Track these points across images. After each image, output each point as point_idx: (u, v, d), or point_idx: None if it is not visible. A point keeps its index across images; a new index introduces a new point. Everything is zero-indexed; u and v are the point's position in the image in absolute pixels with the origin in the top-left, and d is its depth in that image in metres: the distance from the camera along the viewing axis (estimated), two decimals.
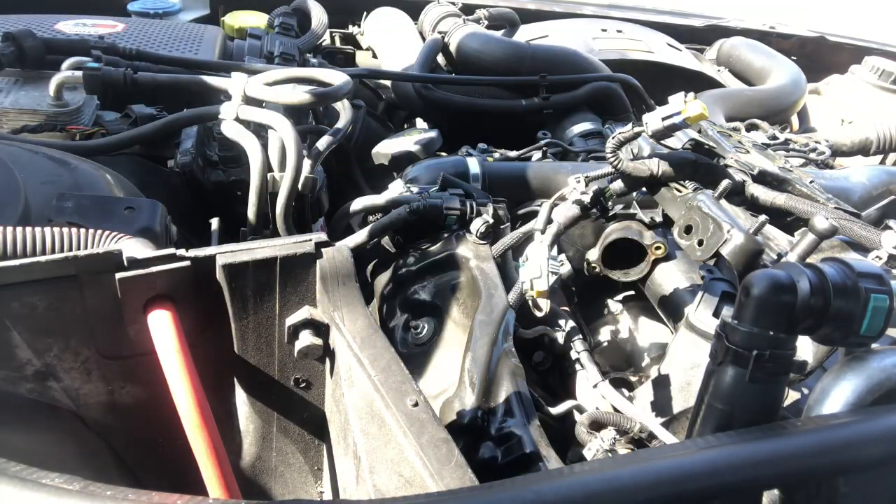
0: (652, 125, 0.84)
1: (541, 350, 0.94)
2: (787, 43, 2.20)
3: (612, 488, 0.44)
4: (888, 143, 1.59)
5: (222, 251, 0.53)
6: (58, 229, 0.67)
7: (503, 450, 0.80)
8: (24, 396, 0.55)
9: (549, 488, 0.43)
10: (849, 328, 0.54)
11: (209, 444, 0.50)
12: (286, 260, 0.54)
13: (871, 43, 2.24)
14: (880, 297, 0.53)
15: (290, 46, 1.42)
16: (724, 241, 0.78)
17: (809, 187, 1.02)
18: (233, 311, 0.55)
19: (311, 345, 0.55)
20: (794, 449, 0.51)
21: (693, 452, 0.50)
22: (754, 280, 0.54)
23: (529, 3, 2.12)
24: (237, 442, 0.61)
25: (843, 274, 0.54)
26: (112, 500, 0.37)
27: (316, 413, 0.61)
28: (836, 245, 0.89)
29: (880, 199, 1.31)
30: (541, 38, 1.83)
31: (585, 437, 0.80)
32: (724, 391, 0.56)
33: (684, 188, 0.89)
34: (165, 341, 0.51)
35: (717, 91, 1.71)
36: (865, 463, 0.53)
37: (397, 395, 0.47)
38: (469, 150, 1.26)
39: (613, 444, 0.78)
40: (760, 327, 0.53)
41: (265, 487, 0.63)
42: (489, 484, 0.42)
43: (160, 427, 0.57)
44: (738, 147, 1.11)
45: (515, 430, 0.81)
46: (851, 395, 0.57)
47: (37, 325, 0.52)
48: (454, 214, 1.00)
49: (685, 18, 2.25)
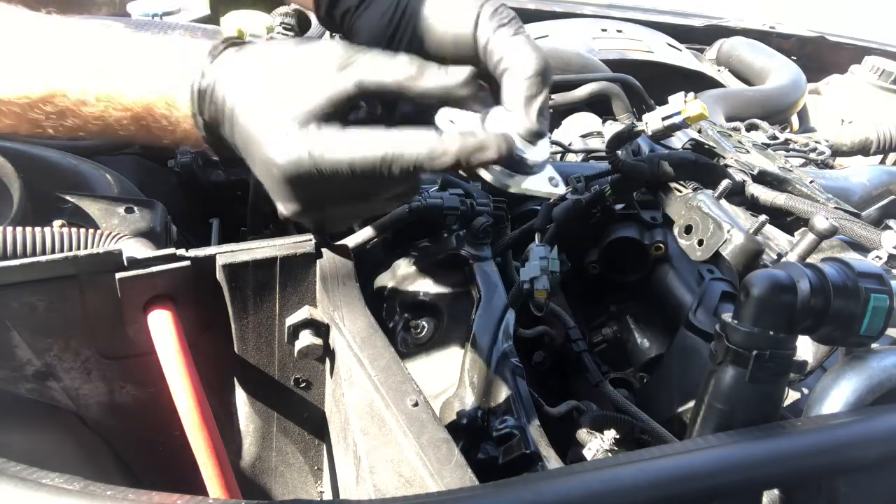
0: (652, 125, 0.84)
1: (541, 350, 0.94)
2: (787, 43, 2.20)
3: (612, 488, 0.44)
4: (888, 143, 1.59)
5: (222, 251, 0.53)
6: (58, 229, 0.67)
7: (503, 450, 0.80)
8: (24, 396, 0.55)
9: (549, 488, 0.43)
10: (849, 328, 0.54)
11: (209, 444, 0.50)
12: (286, 260, 0.54)
13: (871, 43, 2.24)
14: (880, 297, 0.53)
15: None
16: (724, 241, 0.78)
17: (809, 187, 1.02)
18: (233, 311, 0.55)
19: (311, 345, 0.55)
20: (794, 449, 0.51)
21: (693, 452, 0.50)
22: (754, 280, 0.54)
23: (529, 3, 2.12)
24: (237, 442, 0.61)
25: (843, 274, 0.54)
26: (112, 500, 0.37)
27: (316, 413, 0.61)
28: (836, 245, 0.89)
29: (880, 199, 1.31)
30: (541, 38, 1.82)
31: (585, 437, 0.80)
32: (724, 391, 0.56)
33: (684, 188, 0.89)
34: (165, 341, 0.51)
35: (717, 91, 1.71)
36: (865, 463, 0.53)
37: (397, 395, 0.47)
38: None
39: (613, 444, 0.78)
40: (760, 327, 0.53)
41: (265, 487, 0.63)
42: (489, 484, 0.42)
43: (160, 427, 0.57)
44: (738, 147, 1.11)
45: (515, 430, 0.81)
46: (851, 395, 0.57)
47: (37, 325, 0.52)
48: (454, 214, 1.00)
49: (685, 18, 2.25)
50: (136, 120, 0.59)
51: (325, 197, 0.55)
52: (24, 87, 0.58)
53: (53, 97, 0.58)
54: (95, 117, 0.59)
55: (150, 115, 0.59)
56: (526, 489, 0.42)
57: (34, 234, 0.65)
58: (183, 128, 0.59)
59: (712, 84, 1.81)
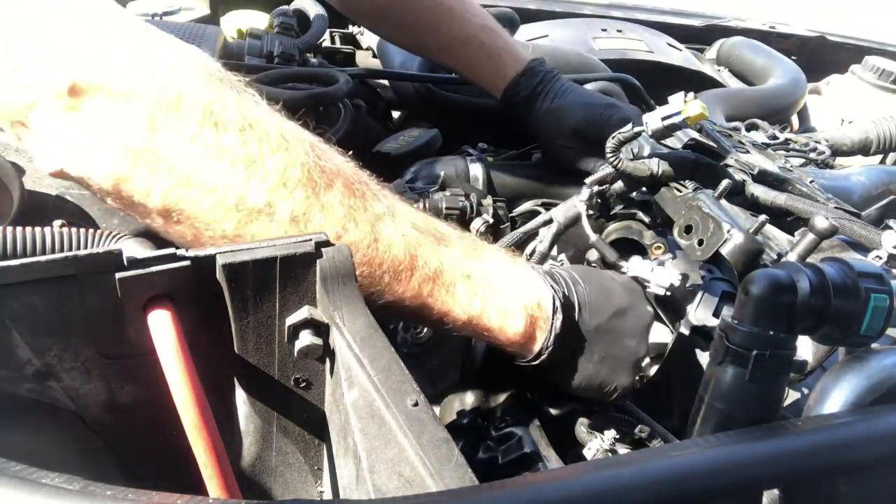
0: (652, 125, 0.84)
1: None
2: (787, 43, 2.20)
3: (612, 488, 0.44)
4: (888, 143, 1.59)
5: (222, 251, 0.53)
6: (58, 229, 0.67)
7: (503, 450, 0.80)
8: (24, 396, 0.55)
9: (549, 488, 0.43)
10: (849, 328, 0.54)
11: (209, 444, 0.50)
12: (286, 260, 0.54)
13: (871, 43, 2.24)
14: (880, 297, 0.53)
15: (290, 46, 1.42)
16: (724, 241, 0.78)
17: (809, 187, 1.02)
18: (233, 311, 0.55)
19: (311, 344, 0.55)
20: (794, 449, 0.51)
21: (693, 452, 0.50)
22: (754, 280, 0.54)
23: (529, 3, 2.12)
24: (237, 442, 0.61)
25: (843, 274, 0.54)
26: (112, 499, 0.37)
27: (316, 413, 0.61)
28: (836, 245, 0.89)
29: (880, 199, 1.31)
30: (541, 38, 1.82)
31: (585, 437, 0.80)
32: (724, 391, 0.56)
33: (684, 188, 0.89)
34: (165, 341, 0.51)
35: (717, 91, 1.70)
36: (865, 463, 0.53)
37: (397, 395, 0.47)
38: (469, 150, 1.26)
39: (613, 444, 0.78)
40: (760, 327, 0.53)
41: (265, 487, 0.63)
42: (489, 484, 0.42)
43: (160, 427, 0.57)
44: (738, 147, 1.11)
45: (515, 430, 0.81)
46: (851, 395, 0.57)
47: (37, 325, 0.52)
48: (454, 214, 1.00)
49: (685, 18, 2.25)
50: (468, 324, 0.69)
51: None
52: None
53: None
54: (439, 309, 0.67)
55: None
56: (526, 489, 0.42)
57: (34, 234, 0.65)
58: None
59: (712, 84, 1.81)
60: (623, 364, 0.76)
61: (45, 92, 0.52)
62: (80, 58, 0.53)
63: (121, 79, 0.53)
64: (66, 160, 0.55)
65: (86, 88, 0.52)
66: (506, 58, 1.16)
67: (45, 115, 0.53)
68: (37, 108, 0.52)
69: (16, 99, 0.52)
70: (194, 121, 0.54)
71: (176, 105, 0.54)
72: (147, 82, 0.53)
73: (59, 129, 0.53)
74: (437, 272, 0.65)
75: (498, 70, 1.16)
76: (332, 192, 0.60)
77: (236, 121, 0.56)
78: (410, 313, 0.66)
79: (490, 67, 1.17)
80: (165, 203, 0.55)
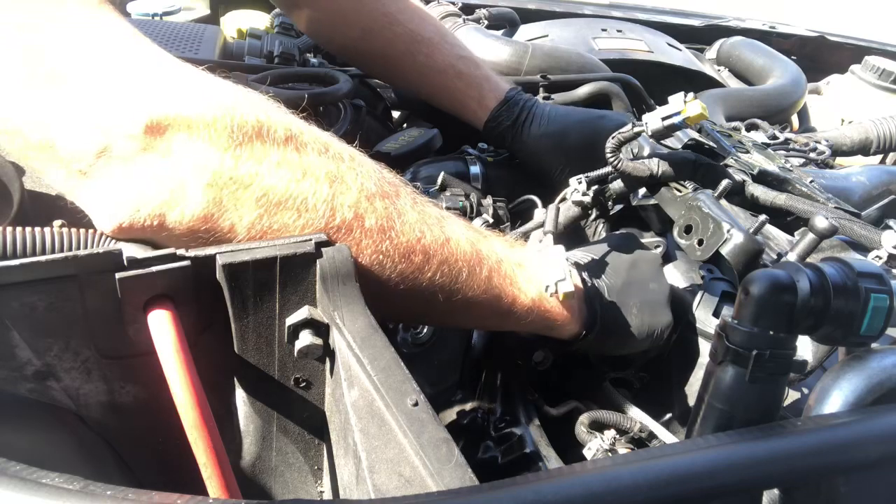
0: (652, 125, 0.84)
1: (541, 350, 0.94)
2: (787, 43, 2.20)
3: (612, 488, 0.44)
4: (888, 143, 1.59)
5: (222, 251, 0.53)
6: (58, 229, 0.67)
7: (503, 450, 0.81)
8: (24, 396, 0.55)
9: (549, 488, 0.43)
10: (849, 328, 0.54)
11: (209, 444, 0.50)
12: (286, 260, 0.53)
13: (872, 43, 2.24)
14: (880, 297, 0.53)
15: (290, 46, 1.42)
16: (724, 241, 0.78)
17: (809, 187, 1.02)
18: (233, 311, 0.55)
19: (311, 344, 0.55)
20: (794, 449, 0.51)
21: (693, 452, 0.50)
22: (754, 280, 0.54)
23: (529, 3, 2.12)
24: (237, 442, 0.61)
25: (843, 274, 0.54)
26: (112, 499, 0.37)
27: (316, 413, 0.61)
28: (836, 245, 0.89)
29: (880, 199, 1.31)
30: (541, 38, 1.82)
31: (585, 437, 0.80)
32: (724, 391, 0.56)
33: (684, 188, 0.89)
34: (165, 341, 0.51)
35: (717, 91, 1.70)
36: (865, 463, 0.53)
37: (397, 395, 0.47)
38: (469, 150, 1.26)
39: (613, 444, 0.78)
40: (760, 327, 0.53)
41: (265, 487, 0.63)
42: (489, 484, 0.42)
43: (160, 427, 0.57)
44: (738, 147, 1.11)
45: (515, 430, 0.81)
46: (851, 395, 0.57)
47: (37, 325, 0.52)
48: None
49: (685, 18, 2.25)
50: (532, 310, 0.71)
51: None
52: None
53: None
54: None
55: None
56: (526, 489, 0.42)
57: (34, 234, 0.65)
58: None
59: (712, 84, 1.81)
60: (658, 304, 0.82)
61: (117, 133, 0.48)
62: (153, 95, 0.49)
63: (199, 112, 0.51)
64: (139, 206, 0.51)
65: (165, 125, 0.49)
66: (485, 87, 1.16)
67: (116, 160, 0.49)
68: (107, 153, 0.48)
69: (83, 145, 0.48)
70: (277, 146, 0.54)
71: (259, 133, 0.53)
72: (225, 114, 0.52)
73: (133, 172, 0.49)
74: (498, 262, 0.68)
75: (478, 99, 1.16)
76: (401, 199, 0.62)
77: (313, 142, 0.57)
78: (486, 307, 0.68)
79: (469, 97, 1.17)
80: (254, 232, 0.54)
